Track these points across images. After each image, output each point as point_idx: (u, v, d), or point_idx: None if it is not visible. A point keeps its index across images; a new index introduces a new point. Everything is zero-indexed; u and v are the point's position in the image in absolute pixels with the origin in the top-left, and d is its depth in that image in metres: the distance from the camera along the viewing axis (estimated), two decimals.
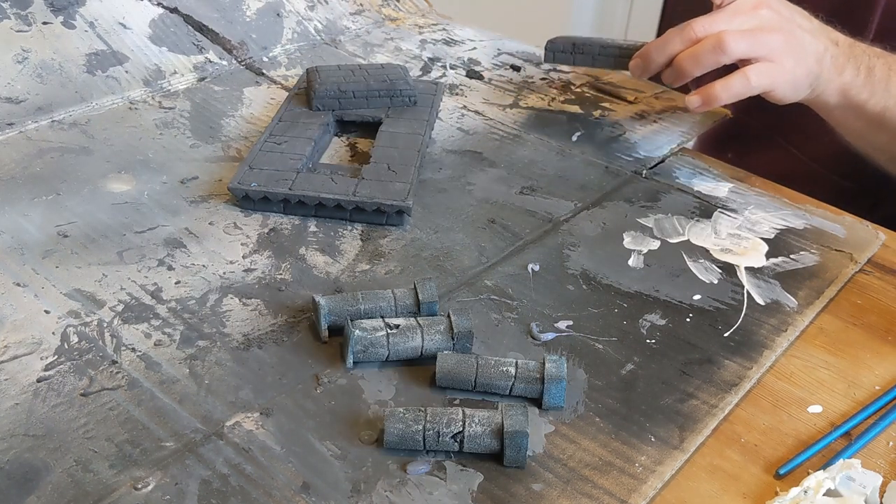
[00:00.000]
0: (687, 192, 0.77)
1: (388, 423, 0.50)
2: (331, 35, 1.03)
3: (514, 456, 0.50)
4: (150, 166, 0.76)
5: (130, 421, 0.51)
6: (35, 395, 0.52)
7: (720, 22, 0.73)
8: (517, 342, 0.59)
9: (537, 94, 0.93)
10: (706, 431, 0.54)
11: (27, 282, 0.61)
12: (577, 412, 0.54)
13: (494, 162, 0.80)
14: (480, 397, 0.55)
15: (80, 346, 0.56)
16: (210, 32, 0.95)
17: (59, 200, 0.70)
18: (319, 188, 0.70)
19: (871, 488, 0.49)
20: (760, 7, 0.74)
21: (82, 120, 0.81)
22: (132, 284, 0.62)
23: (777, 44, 0.73)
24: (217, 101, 0.87)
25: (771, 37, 0.73)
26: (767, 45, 0.73)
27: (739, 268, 0.68)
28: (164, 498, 0.47)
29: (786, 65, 0.73)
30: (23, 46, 0.86)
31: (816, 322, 0.63)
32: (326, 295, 0.59)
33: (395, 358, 0.56)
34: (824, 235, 0.73)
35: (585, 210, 0.74)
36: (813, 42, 0.75)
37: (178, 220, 0.69)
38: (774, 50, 0.73)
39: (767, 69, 0.73)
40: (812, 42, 0.75)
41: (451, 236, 0.69)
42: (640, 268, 0.67)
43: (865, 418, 0.55)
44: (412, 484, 0.49)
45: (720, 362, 0.59)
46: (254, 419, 0.52)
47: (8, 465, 0.48)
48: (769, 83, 0.73)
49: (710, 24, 0.73)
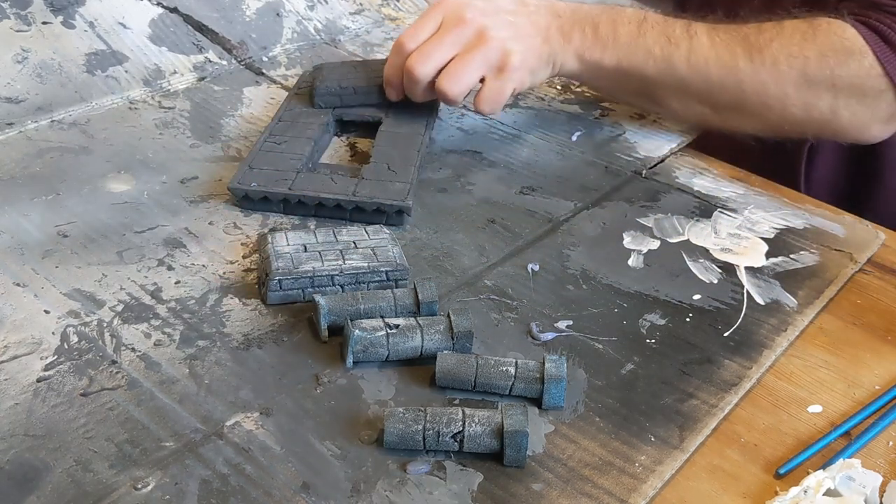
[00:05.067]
0: (687, 191, 0.77)
1: (388, 423, 0.50)
2: (330, 35, 1.03)
3: (514, 456, 0.50)
4: (150, 166, 0.76)
5: (130, 421, 0.51)
6: (35, 395, 0.52)
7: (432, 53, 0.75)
8: (517, 342, 0.59)
9: (537, 94, 0.93)
10: (706, 431, 0.54)
11: (27, 282, 0.61)
12: (577, 412, 0.54)
13: (494, 162, 0.80)
14: (480, 397, 0.55)
15: (80, 346, 0.56)
16: (210, 32, 0.95)
17: (58, 200, 0.70)
18: (319, 188, 0.70)
19: (870, 488, 0.49)
20: (463, 19, 0.75)
21: (82, 120, 0.81)
22: (132, 284, 0.62)
23: (494, 53, 0.75)
24: (217, 100, 0.87)
25: (485, 50, 0.74)
26: (485, 61, 0.75)
27: (739, 267, 0.68)
28: (164, 498, 0.47)
29: (512, 65, 0.75)
30: (22, 46, 0.86)
31: (816, 322, 0.63)
32: (326, 295, 0.59)
33: (395, 358, 0.56)
34: (824, 235, 0.73)
35: (585, 210, 0.74)
36: (530, 25, 0.77)
37: (178, 220, 0.69)
38: (493, 60, 0.75)
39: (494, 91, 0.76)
40: (529, 25, 0.77)
41: (451, 236, 0.69)
42: (640, 268, 0.67)
43: (865, 418, 0.55)
44: (412, 484, 0.49)
45: (720, 362, 0.59)
46: (254, 419, 0.52)
47: (8, 465, 0.48)
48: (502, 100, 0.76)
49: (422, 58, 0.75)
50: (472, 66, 0.75)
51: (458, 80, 0.74)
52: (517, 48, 0.75)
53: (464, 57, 0.74)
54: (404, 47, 0.76)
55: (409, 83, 0.77)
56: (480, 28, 0.75)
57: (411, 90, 0.78)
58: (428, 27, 0.76)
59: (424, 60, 0.75)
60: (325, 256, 0.62)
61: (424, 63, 0.75)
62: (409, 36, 0.76)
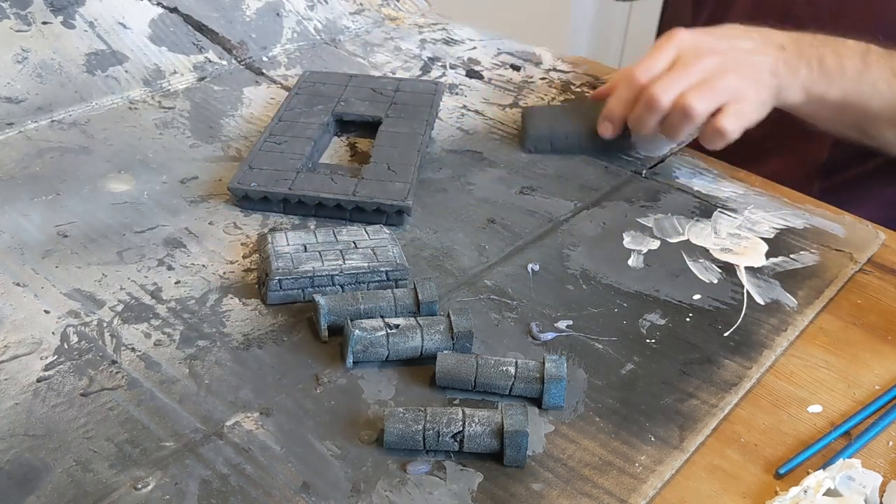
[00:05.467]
0: (687, 191, 0.77)
1: (388, 423, 0.50)
2: (330, 35, 1.03)
3: (514, 456, 0.50)
4: (150, 166, 0.76)
5: (130, 421, 0.51)
6: (35, 394, 0.52)
7: (677, 81, 0.75)
8: (517, 342, 0.59)
9: (537, 94, 0.93)
10: (706, 431, 0.54)
11: (27, 282, 0.61)
12: (577, 412, 0.54)
13: (494, 162, 0.80)
14: (480, 397, 0.55)
15: (80, 346, 0.56)
16: (210, 32, 0.95)
17: (58, 200, 0.70)
18: (319, 188, 0.70)
19: (870, 488, 0.49)
20: (702, 56, 0.75)
21: (82, 120, 0.81)
22: (132, 284, 0.62)
23: (734, 84, 0.75)
24: (217, 100, 0.87)
25: (725, 81, 0.74)
26: (726, 90, 0.74)
27: (739, 267, 0.68)
28: (164, 498, 0.47)
29: (750, 97, 0.75)
30: (22, 46, 0.86)
31: (816, 322, 0.63)
32: (326, 295, 0.59)
33: (395, 358, 0.56)
34: (824, 235, 0.73)
35: (585, 210, 0.74)
36: (762, 59, 0.77)
37: (178, 220, 0.69)
38: (734, 92, 0.75)
39: (736, 112, 0.75)
40: (761, 59, 0.77)
41: (451, 236, 0.69)
42: (640, 267, 0.67)
43: (865, 418, 0.55)
44: (412, 484, 0.49)
45: (720, 362, 0.59)
46: (254, 419, 0.52)
47: (8, 465, 0.48)
48: (743, 124, 0.75)
49: (666, 84, 0.74)
50: (718, 90, 0.74)
51: (705, 99, 0.74)
52: (753, 84, 0.75)
53: (709, 82, 0.74)
54: (637, 80, 0.76)
55: (646, 112, 0.76)
56: (721, 62, 0.75)
57: (644, 120, 0.76)
58: (662, 61, 0.76)
59: (669, 88, 0.74)
60: (325, 256, 0.62)
61: (669, 91, 0.74)
62: (643, 70, 0.76)
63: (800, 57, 0.78)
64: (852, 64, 0.78)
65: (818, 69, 0.78)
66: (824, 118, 0.83)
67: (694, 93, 0.74)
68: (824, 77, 0.78)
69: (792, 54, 0.78)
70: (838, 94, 0.79)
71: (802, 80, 0.78)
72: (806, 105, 0.80)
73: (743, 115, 0.75)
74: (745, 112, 0.75)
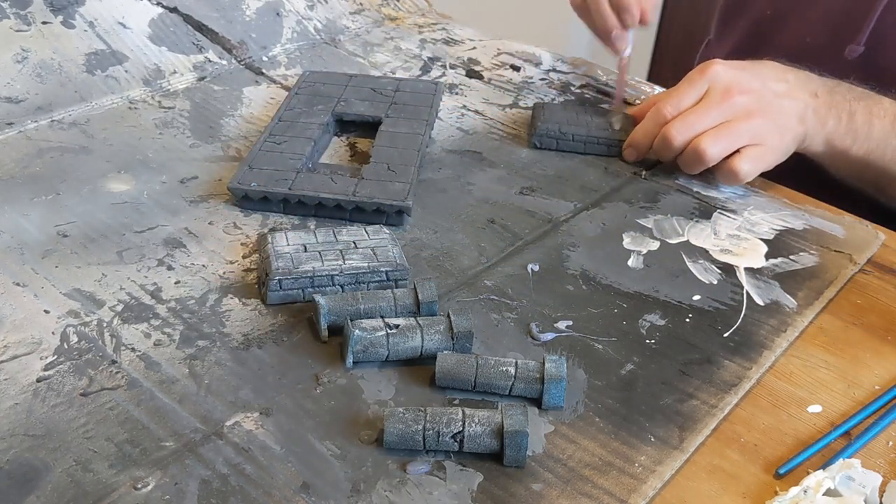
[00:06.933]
0: (686, 192, 0.77)
1: (388, 423, 0.50)
2: (330, 34, 1.03)
3: (513, 456, 0.50)
4: (150, 166, 0.76)
5: (130, 421, 0.51)
6: (35, 394, 0.52)
7: (695, 123, 0.74)
8: (517, 342, 0.59)
9: (537, 94, 0.93)
10: (706, 431, 0.54)
11: (27, 282, 0.61)
12: (577, 412, 0.54)
13: (494, 162, 0.80)
14: (480, 397, 0.55)
15: (80, 346, 0.56)
16: (210, 32, 0.95)
17: (58, 200, 0.70)
18: (319, 188, 0.70)
19: (870, 488, 0.49)
20: (731, 93, 0.74)
21: (82, 120, 0.81)
22: (132, 284, 0.62)
23: (757, 128, 0.74)
24: (217, 100, 0.87)
25: (750, 124, 0.74)
26: (748, 133, 0.74)
27: (739, 268, 0.68)
28: (164, 498, 0.47)
29: (772, 142, 0.75)
30: (22, 46, 0.86)
31: (816, 322, 0.64)
32: (326, 295, 0.59)
33: (395, 358, 0.56)
34: (824, 236, 0.73)
35: (585, 210, 0.74)
36: (792, 104, 0.76)
37: (178, 220, 0.69)
38: (755, 135, 0.74)
39: (754, 157, 0.75)
40: (791, 104, 0.76)
41: (450, 236, 0.69)
42: (640, 268, 0.67)
43: (865, 418, 0.55)
44: (412, 484, 0.49)
45: (720, 362, 0.59)
46: (253, 419, 0.52)
47: (8, 465, 0.48)
48: (759, 167, 0.76)
49: (684, 126, 0.75)
50: (736, 135, 0.74)
51: (719, 143, 0.74)
52: (777, 129, 0.75)
53: (730, 125, 0.74)
54: (663, 115, 0.76)
55: (662, 147, 0.76)
56: (748, 103, 0.74)
57: (661, 155, 0.78)
58: (691, 95, 0.76)
59: (685, 130, 0.74)
60: (325, 256, 0.62)
61: (684, 132, 0.74)
62: (671, 103, 0.76)
63: (830, 108, 0.77)
64: (882, 125, 0.77)
65: (847, 124, 0.77)
66: (843, 171, 0.82)
67: (710, 136, 0.73)
68: (850, 133, 0.77)
69: (823, 103, 0.77)
70: (861, 153, 0.78)
71: (829, 131, 0.77)
72: (825, 156, 0.79)
73: (760, 160, 0.75)
74: (763, 156, 0.75)
